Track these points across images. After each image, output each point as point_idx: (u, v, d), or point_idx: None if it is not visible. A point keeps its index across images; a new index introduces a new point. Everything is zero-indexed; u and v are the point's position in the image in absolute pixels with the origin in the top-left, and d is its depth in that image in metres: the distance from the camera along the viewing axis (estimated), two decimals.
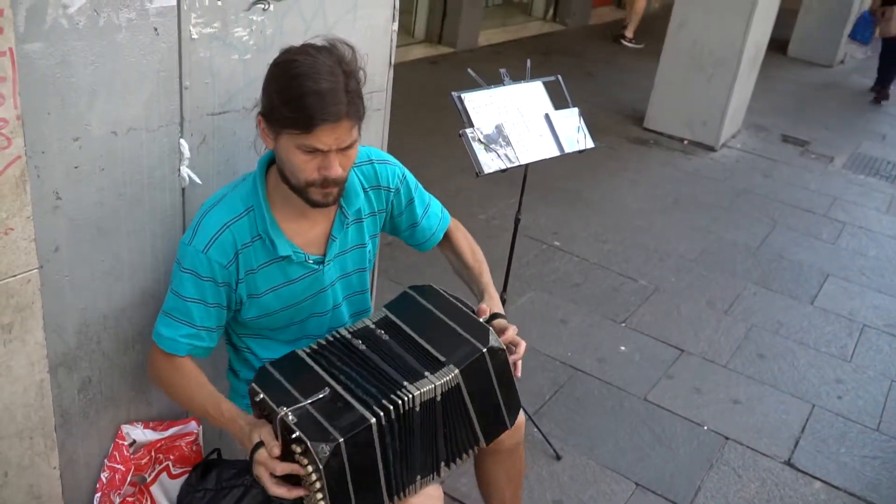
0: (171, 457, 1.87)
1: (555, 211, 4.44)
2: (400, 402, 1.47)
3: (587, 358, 3.17)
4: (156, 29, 1.54)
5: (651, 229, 4.41)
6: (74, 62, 1.44)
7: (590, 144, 2.55)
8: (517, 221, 2.62)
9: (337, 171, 1.51)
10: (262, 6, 1.73)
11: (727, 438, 2.82)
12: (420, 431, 1.53)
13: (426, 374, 1.53)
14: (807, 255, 4.35)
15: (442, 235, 1.94)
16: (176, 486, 1.87)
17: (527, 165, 2.41)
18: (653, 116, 5.95)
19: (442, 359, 1.57)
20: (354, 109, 1.49)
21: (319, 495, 1.42)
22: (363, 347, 1.60)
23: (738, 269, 4.09)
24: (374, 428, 1.45)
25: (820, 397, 3.12)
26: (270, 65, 1.52)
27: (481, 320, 1.68)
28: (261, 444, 1.47)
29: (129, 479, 1.79)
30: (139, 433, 1.84)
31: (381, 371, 1.54)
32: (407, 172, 1.83)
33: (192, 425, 1.91)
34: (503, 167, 2.30)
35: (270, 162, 1.63)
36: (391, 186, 1.78)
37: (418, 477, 1.58)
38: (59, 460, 1.67)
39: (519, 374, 1.70)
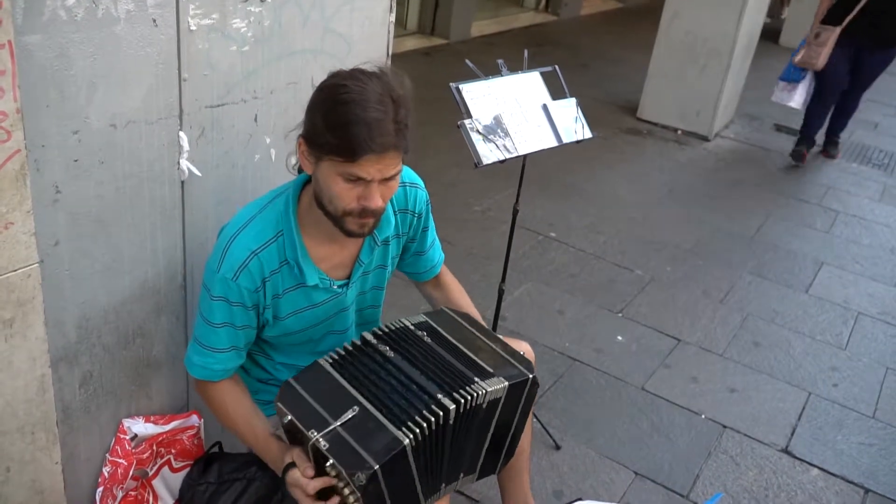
0: (173, 450, 1.87)
1: (550, 202, 4.44)
2: (433, 418, 1.43)
3: (585, 348, 3.18)
4: (154, 20, 1.53)
5: (646, 220, 4.42)
6: (73, 54, 1.42)
7: (588, 135, 2.54)
8: (515, 212, 2.61)
9: (378, 202, 1.47)
10: None
11: (724, 427, 2.84)
12: (450, 441, 1.50)
13: (476, 379, 1.49)
14: (801, 244, 4.37)
15: (440, 269, 1.92)
16: (178, 479, 1.86)
17: (525, 156, 2.41)
18: (646, 107, 5.96)
19: (490, 370, 1.53)
20: (402, 140, 1.45)
21: None
22: (391, 354, 1.55)
23: (734, 258, 4.11)
24: (409, 448, 1.40)
25: (816, 385, 3.14)
26: (317, 87, 1.47)
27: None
28: (292, 464, 1.47)
29: (130, 473, 1.78)
30: (140, 427, 1.83)
31: (412, 380, 1.49)
32: (428, 197, 1.80)
33: (194, 419, 1.91)
34: (502, 158, 2.29)
35: (302, 183, 1.60)
36: (416, 211, 1.75)
37: (443, 485, 1.58)
38: (61, 455, 1.66)
39: None
